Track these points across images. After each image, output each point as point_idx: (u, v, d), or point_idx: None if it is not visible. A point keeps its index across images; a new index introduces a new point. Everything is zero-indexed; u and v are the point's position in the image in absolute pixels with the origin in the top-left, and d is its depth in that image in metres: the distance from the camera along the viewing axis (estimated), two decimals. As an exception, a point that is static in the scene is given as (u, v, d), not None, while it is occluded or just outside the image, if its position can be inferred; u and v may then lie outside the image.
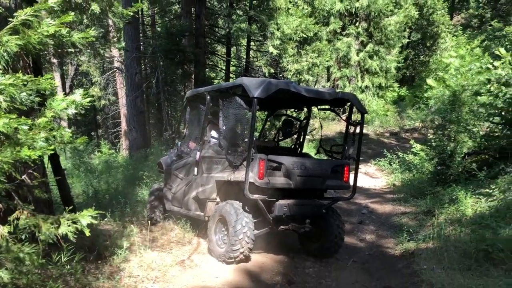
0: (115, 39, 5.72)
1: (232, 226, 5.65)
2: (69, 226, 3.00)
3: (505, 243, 5.45)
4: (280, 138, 8.06)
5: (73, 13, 3.04)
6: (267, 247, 6.65)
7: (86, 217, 3.07)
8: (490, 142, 9.57)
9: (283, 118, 8.20)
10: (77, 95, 3.53)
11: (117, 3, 4.46)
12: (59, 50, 5.61)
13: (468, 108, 9.87)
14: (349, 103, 6.57)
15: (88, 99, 3.56)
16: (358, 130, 6.56)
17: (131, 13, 4.54)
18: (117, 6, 4.42)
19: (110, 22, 5.77)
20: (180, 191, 7.21)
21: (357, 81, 20.78)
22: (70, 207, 3.48)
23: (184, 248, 6.47)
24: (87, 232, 3.04)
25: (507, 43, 17.23)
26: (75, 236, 3.02)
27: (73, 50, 4.33)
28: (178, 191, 7.30)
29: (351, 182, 6.53)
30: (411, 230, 7.82)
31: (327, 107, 7.24)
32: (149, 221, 7.42)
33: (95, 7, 4.19)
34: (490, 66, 10.05)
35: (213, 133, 7.20)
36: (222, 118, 6.27)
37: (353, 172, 6.58)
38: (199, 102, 7.28)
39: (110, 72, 21.76)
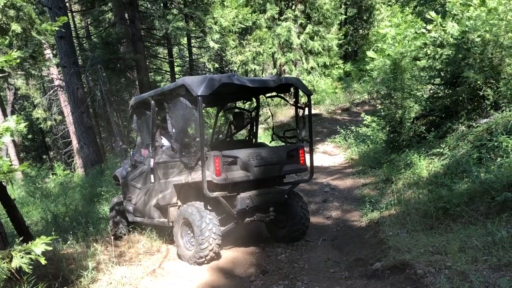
0: (49, 56, 5.48)
1: (197, 226, 5.62)
2: (22, 257, 2.87)
3: (459, 197, 5.70)
4: (233, 132, 8.04)
5: (-11, 37, 2.89)
6: (237, 242, 6.66)
7: (39, 246, 2.94)
8: (435, 103, 9.91)
9: (233, 111, 8.18)
10: (11, 121, 3.38)
11: (38, 20, 4.28)
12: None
13: (410, 74, 10.16)
14: (294, 87, 6.63)
15: (24, 124, 3.41)
16: (307, 112, 6.63)
17: (57, 28, 4.35)
18: (39, 23, 4.23)
19: (42, 39, 5.54)
20: (141, 201, 7.09)
21: (302, 63, 20.98)
22: (21, 238, 3.33)
23: (153, 257, 6.37)
24: (43, 261, 2.92)
25: (437, 6, 17.88)
26: (30, 267, 2.89)
27: (0, 75, 4.12)
28: (138, 201, 7.17)
29: (308, 163, 6.62)
30: (373, 200, 8.03)
31: (274, 94, 7.27)
32: (114, 237, 7.26)
33: (16, 27, 4.00)
34: (424, 30, 10.39)
35: (164, 140, 7.09)
36: (170, 121, 6.20)
37: (309, 153, 6.66)
38: (144, 108, 7.15)
39: (51, 91, 20.96)
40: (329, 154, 15.53)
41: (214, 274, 5.57)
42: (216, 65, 16.66)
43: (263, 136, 17.61)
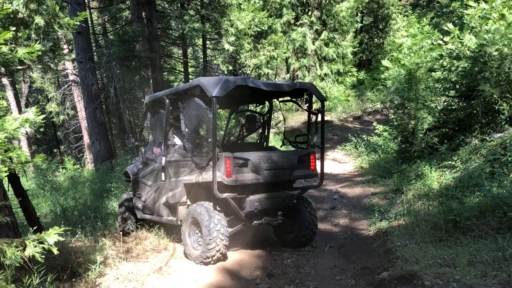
0: (65, 51, 5.58)
1: (205, 226, 5.63)
2: (35, 247, 2.91)
3: (470, 210, 5.65)
4: (244, 134, 8.06)
5: (14, 29, 2.94)
6: (243, 244, 6.67)
7: (52, 236, 2.98)
8: (449, 115, 9.87)
9: (246, 114, 8.20)
10: (30, 113, 3.43)
11: (61, 14, 4.34)
12: (8, 69, 5.42)
13: (424, 85, 10.13)
14: (308, 93, 6.63)
15: (42, 117, 3.46)
16: (320, 118, 6.62)
17: (78, 23, 4.42)
18: (62, 17, 4.29)
19: (60, 34, 5.62)
20: (150, 198, 7.12)
21: (316, 69, 20.97)
22: (35, 228, 3.37)
23: (160, 255, 6.40)
24: (55, 251, 2.95)
25: (454, 18, 17.80)
26: (42, 256, 2.93)
27: (20, 67, 4.18)
28: (148, 199, 7.21)
29: (318, 169, 6.61)
30: (382, 209, 7.99)
31: (287, 98, 7.27)
32: (122, 233, 7.29)
33: (39, 21, 4.06)
34: (440, 42, 10.35)
35: (176, 139, 7.13)
36: (184, 120, 6.23)
37: (320, 159, 6.66)
38: (158, 107, 7.20)
39: (66, 86, 21.18)
40: (338, 162, 15.48)
41: (220, 275, 5.58)
42: (230, 67, 16.72)
43: (273, 140, 17.62)
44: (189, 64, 20.32)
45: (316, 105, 17.01)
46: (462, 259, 4.53)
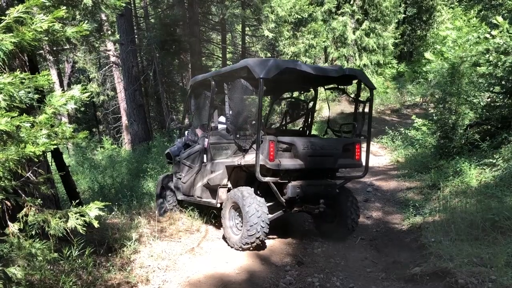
0: (109, 32, 5.69)
1: (246, 212, 5.57)
2: (77, 219, 3.03)
3: (511, 210, 5.48)
4: (287, 121, 7.90)
5: (64, 8, 3.03)
6: (275, 230, 6.69)
7: (93, 210, 3.09)
8: (492, 112, 9.56)
9: (289, 100, 8.03)
10: (76, 90, 3.53)
11: (109, -6, 4.44)
12: (54, 48, 5.59)
13: (468, 80, 9.82)
14: (356, 80, 6.46)
15: (87, 94, 3.55)
16: (367, 108, 6.46)
17: (124, 4, 4.51)
18: (110, -4, 4.39)
19: (103, 16, 5.74)
20: (190, 180, 7.10)
21: (355, 60, 20.66)
22: (77, 201, 3.50)
23: (193, 236, 6.51)
24: (96, 224, 3.06)
25: (504, 11, 17.08)
26: (84, 229, 3.05)
27: (68, 46, 4.30)
28: (188, 180, 7.19)
29: (363, 160, 6.46)
30: (417, 204, 7.84)
31: (333, 86, 7.05)
32: (157, 212, 7.43)
33: (88, 1, 4.16)
34: (488, 35, 9.97)
35: (221, 119, 7.12)
36: (228, 102, 6.18)
37: (365, 150, 6.52)
38: (203, 88, 7.20)
39: (107, 67, 21.67)
40: (374, 154, 15.24)
41: (250, 259, 5.63)
42: (268, 54, 16.68)
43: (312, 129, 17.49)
44: (228, 50, 20.38)
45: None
46: (500, 260, 4.41)
